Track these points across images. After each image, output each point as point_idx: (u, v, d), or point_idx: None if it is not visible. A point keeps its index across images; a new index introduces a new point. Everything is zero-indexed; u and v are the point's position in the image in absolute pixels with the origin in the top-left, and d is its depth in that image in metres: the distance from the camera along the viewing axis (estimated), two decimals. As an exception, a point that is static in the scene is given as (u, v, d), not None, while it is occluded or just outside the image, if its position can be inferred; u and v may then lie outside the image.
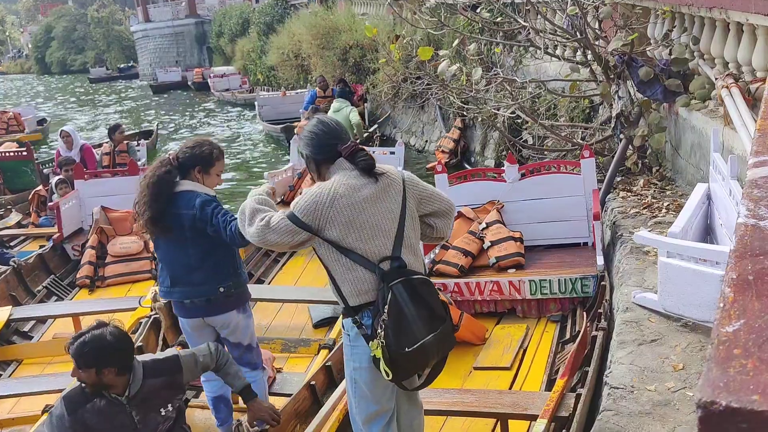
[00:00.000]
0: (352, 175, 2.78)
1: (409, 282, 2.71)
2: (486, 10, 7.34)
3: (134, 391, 3.13)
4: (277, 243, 2.81)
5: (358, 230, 2.73)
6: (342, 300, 2.80)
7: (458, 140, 10.91)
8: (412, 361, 2.71)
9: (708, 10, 5.00)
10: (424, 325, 2.70)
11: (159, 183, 3.57)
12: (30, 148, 10.60)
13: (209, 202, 3.55)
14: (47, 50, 57.74)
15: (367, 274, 2.74)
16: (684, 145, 5.42)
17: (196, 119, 22.19)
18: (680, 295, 3.38)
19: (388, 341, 2.63)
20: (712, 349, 0.86)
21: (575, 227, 5.45)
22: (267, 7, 24.87)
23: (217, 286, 3.63)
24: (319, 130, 2.87)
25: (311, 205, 2.73)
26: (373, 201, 2.76)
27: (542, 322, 5.02)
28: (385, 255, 2.74)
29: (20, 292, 6.32)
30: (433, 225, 2.98)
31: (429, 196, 2.94)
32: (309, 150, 2.89)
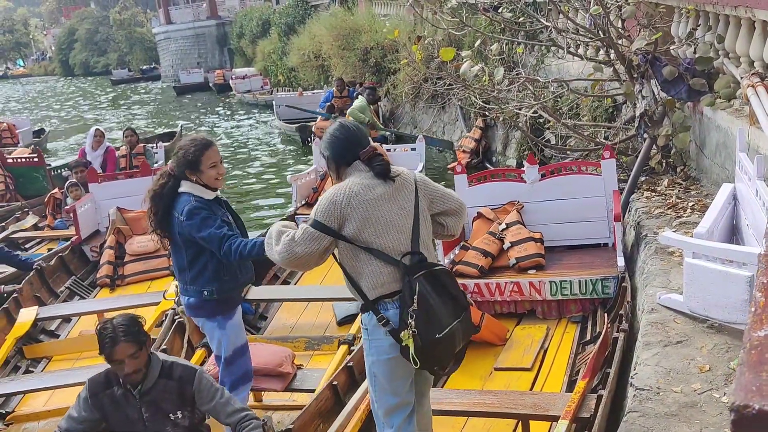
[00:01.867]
0: (367, 176, 2.94)
1: (431, 273, 2.88)
2: (508, 10, 7.32)
3: (147, 387, 3.21)
4: (304, 254, 2.89)
5: (373, 225, 2.87)
6: (360, 295, 2.93)
7: (479, 140, 10.88)
8: (442, 348, 2.87)
9: (733, 9, 4.94)
10: (449, 312, 2.88)
11: (155, 197, 3.69)
12: (41, 154, 10.71)
13: (198, 210, 3.58)
14: (70, 52, 58.48)
15: (383, 267, 2.89)
16: (709, 144, 5.37)
17: (218, 120, 22.37)
18: (706, 296, 3.35)
19: (419, 329, 2.78)
20: (744, 354, 0.87)
21: (596, 228, 5.43)
22: (287, 8, 24.99)
23: (202, 289, 3.70)
24: (341, 134, 3.03)
25: (329, 206, 2.88)
26: (386, 199, 2.91)
27: (563, 323, 4.99)
28: (404, 250, 2.90)
29: (44, 293, 6.48)
30: (444, 223, 3.12)
31: (440, 195, 3.08)
32: (330, 152, 3.05)
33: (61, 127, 24.99)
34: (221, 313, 3.75)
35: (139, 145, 10.05)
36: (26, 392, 4.82)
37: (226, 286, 3.72)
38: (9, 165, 10.42)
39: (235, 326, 3.82)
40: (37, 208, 9.16)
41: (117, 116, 26.52)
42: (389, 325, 2.87)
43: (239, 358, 3.83)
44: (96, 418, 3.26)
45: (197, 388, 3.25)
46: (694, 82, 5.42)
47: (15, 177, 10.29)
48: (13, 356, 5.40)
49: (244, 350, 3.88)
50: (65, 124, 25.64)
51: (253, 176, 13.53)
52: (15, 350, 5.42)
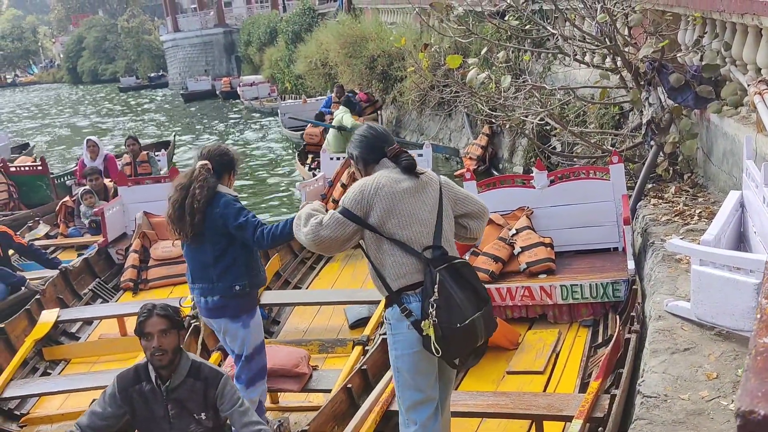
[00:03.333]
0: (395, 171, 3.10)
1: (452, 266, 2.98)
2: (514, 18, 7.36)
3: (175, 384, 3.29)
4: (329, 237, 3.02)
5: (397, 217, 3.00)
6: (385, 286, 3.03)
7: (486, 147, 10.91)
8: (463, 338, 2.95)
9: (740, 16, 4.97)
10: (471, 304, 2.96)
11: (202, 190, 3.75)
12: (45, 163, 10.70)
13: (234, 201, 3.79)
14: (78, 60, 58.75)
15: (406, 258, 2.99)
16: (716, 151, 5.39)
17: (226, 127, 22.48)
18: (713, 303, 3.37)
19: (440, 319, 2.87)
20: (749, 360, 0.90)
21: (605, 232, 5.48)
22: (294, 16, 25.07)
23: (234, 284, 3.79)
24: (369, 133, 3.22)
25: (358, 194, 3.03)
26: (411, 193, 3.04)
27: (574, 327, 5.03)
28: (427, 244, 3.01)
29: (67, 295, 6.56)
30: (467, 226, 3.23)
31: (464, 198, 3.22)
32: (358, 151, 3.20)
33: (63, 135, 25.11)
34: (246, 311, 3.87)
35: (142, 153, 10.06)
36: (42, 395, 4.90)
37: (255, 280, 3.89)
38: (12, 173, 10.42)
39: (258, 324, 3.97)
40: (45, 217, 9.19)
41: (124, 124, 26.64)
42: (412, 316, 2.97)
43: (258, 354, 3.99)
44: (120, 414, 3.34)
45: (221, 392, 3.32)
46: (701, 90, 5.44)
47: (18, 186, 10.27)
48: (32, 357, 5.49)
49: (263, 346, 4.06)
50: (69, 132, 25.76)
51: (258, 182, 13.63)
52: (34, 351, 5.51)
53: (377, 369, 4.29)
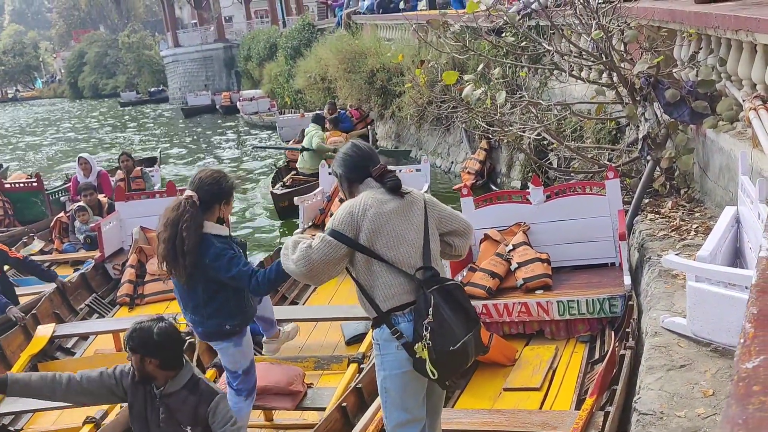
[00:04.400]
0: (379, 191, 3.07)
1: (444, 288, 2.99)
2: (510, 35, 7.40)
3: (169, 392, 3.32)
4: (320, 261, 2.98)
5: (384, 238, 2.99)
6: (374, 308, 3.01)
7: (484, 161, 10.94)
8: (455, 360, 2.95)
9: (734, 32, 4.99)
10: (462, 326, 2.97)
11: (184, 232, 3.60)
12: (40, 179, 10.61)
13: (223, 251, 3.60)
14: (79, 75, 59.04)
15: (395, 279, 2.99)
16: (712, 166, 5.40)
17: (225, 141, 22.54)
18: (709, 319, 3.36)
19: (434, 342, 2.86)
20: (732, 386, 0.89)
21: (601, 248, 5.48)
22: (294, 31, 25.21)
23: (224, 324, 3.78)
24: (353, 152, 3.18)
25: (346, 216, 3.01)
26: (398, 213, 3.03)
27: (571, 343, 5.02)
28: (416, 265, 3.01)
29: (63, 310, 6.55)
30: (452, 243, 3.22)
31: (448, 216, 3.20)
32: (342, 170, 3.18)
33: (62, 150, 25.15)
34: (236, 334, 3.88)
35: (136, 169, 10.06)
36: (36, 411, 4.86)
37: (249, 315, 3.89)
38: (7, 190, 10.31)
39: (248, 341, 3.99)
40: (40, 233, 9.14)
41: (125, 138, 26.71)
42: (403, 338, 2.94)
43: (253, 368, 4.04)
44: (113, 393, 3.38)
45: (213, 409, 3.31)
46: (697, 105, 5.46)
47: (13, 202, 10.16)
48: (27, 372, 5.46)
49: (254, 361, 4.08)
50: (68, 147, 25.81)
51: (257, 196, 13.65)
52: (29, 367, 5.47)
53: (372, 387, 4.24)
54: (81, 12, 71.08)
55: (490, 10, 7.02)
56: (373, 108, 15.69)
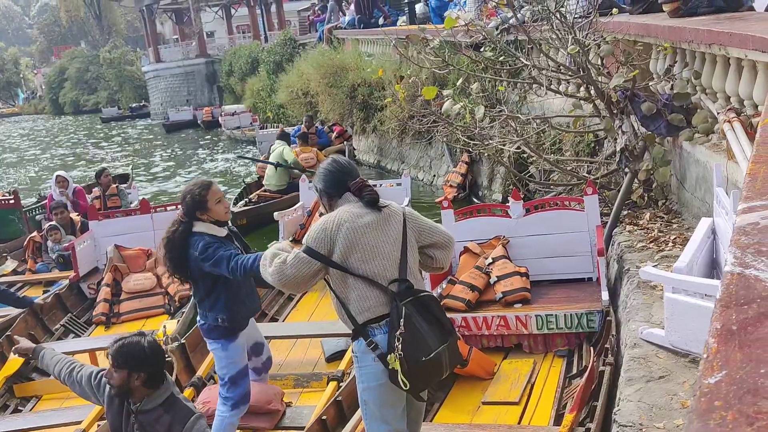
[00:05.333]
0: (357, 205, 3.11)
1: (418, 300, 3.02)
2: (489, 50, 7.45)
3: (146, 408, 3.28)
4: (294, 276, 3.05)
5: (359, 251, 3.03)
6: (351, 320, 3.06)
7: (466, 174, 10.98)
8: (428, 371, 2.98)
9: (707, 47, 5.06)
10: (436, 337, 2.99)
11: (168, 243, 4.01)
12: (17, 196, 10.42)
13: (210, 244, 3.88)
14: (60, 91, 58.62)
15: (370, 291, 3.03)
16: (689, 178, 5.45)
17: (206, 155, 22.46)
18: (687, 330, 3.38)
19: (405, 353, 2.90)
20: (694, 401, 0.89)
21: (580, 263, 5.52)
22: (276, 46, 25.23)
23: (217, 316, 4.04)
24: (333, 167, 3.23)
25: (321, 233, 3.06)
26: (374, 227, 3.07)
27: (549, 357, 5.03)
28: (392, 277, 3.05)
29: (38, 331, 6.47)
30: (433, 256, 3.25)
31: (429, 228, 3.23)
32: (322, 185, 3.22)
33: (45, 167, 24.92)
34: (225, 337, 4.08)
35: (112, 186, 9.91)
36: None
37: (236, 314, 4.08)
38: None
39: (238, 348, 4.14)
40: (13, 253, 8.95)
41: (106, 153, 26.53)
42: (378, 349, 2.97)
43: (241, 378, 4.14)
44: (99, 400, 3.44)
45: (188, 430, 3.27)
46: (673, 118, 5.52)
47: None
48: (2, 394, 5.41)
49: (246, 372, 4.19)
50: (52, 164, 25.60)
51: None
52: (5, 388, 5.43)
53: (352, 400, 4.25)
54: (62, 28, 70.64)
55: (469, 26, 7.07)
56: (355, 122, 15.72)
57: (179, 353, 4.98)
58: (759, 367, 0.91)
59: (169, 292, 6.85)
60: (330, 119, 16.31)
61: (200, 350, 5.39)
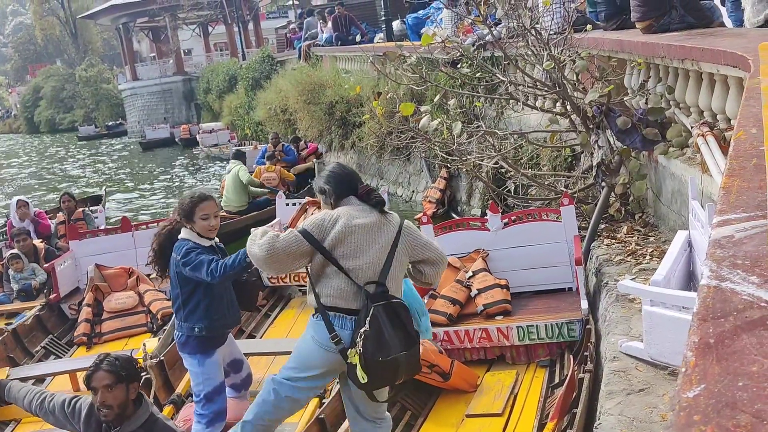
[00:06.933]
0: (357, 208, 3.33)
1: (390, 305, 3.20)
2: (466, 66, 7.52)
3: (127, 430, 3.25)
4: (283, 250, 3.23)
5: (344, 247, 3.23)
6: (316, 299, 3.29)
7: (444, 190, 11.01)
8: (384, 372, 3.15)
9: (680, 62, 5.15)
10: (399, 342, 3.16)
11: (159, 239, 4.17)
12: None
13: (191, 249, 3.93)
14: (36, 110, 58.01)
15: (345, 286, 3.23)
16: (665, 191, 5.52)
17: (183, 173, 22.34)
18: (666, 343, 3.40)
19: (365, 350, 3.08)
20: (673, 415, 0.89)
21: (559, 273, 5.57)
22: (254, 63, 25.24)
23: (193, 326, 4.03)
24: (341, 170, 3.50)
25: (319, 221, 3.30)
26: (365, 229, 3.26)
27: (531, 368, 5.06)
28: (371, 279, 3.22)
29: (18, 354, 6.34)
30: (422, 271, 3.42)
31: (423, 244, 3.40)
32: (332, 185, 3.43)
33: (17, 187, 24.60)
34: (201, 352, 4.07)
35: (78, 210, 9.46)
36: None
37: (214, 324, 4.07)
38: None
39: (214, 364, 4.13)
40: None
41: (82, 173, 26.26)
42: (341, 344, 3.17)
43: (217, 395, 4.13)
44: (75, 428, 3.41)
45: None
46: (648, 132, 5.59)
47: None
48: (-22, 420, 5.25)
49: (222, 389, 4.19)
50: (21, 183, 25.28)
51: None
52: (-19, 413, 5.26)
53: (335, 417, 4.23)
54: (37, 46, 70.03)
55: (446, 42, 7.13)
56: (334, 139, 15.74)
57: (158, 370, 4.90)
58: (737, 380, 0.92)
59: (152, 310, 6.76)
60: (308, 136, 16.32)
61: (178, 367, 5.31)
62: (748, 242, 1.33)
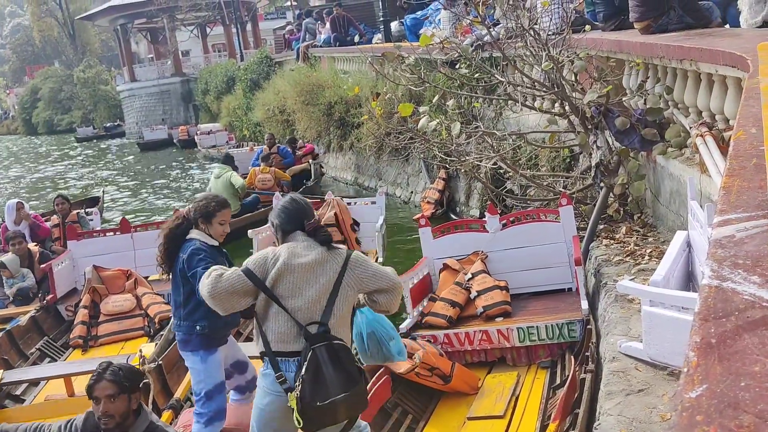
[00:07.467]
0: (301, 245, 3.30)
1: (331, 346, 3.17)
2: (464, 66, 7.52)
3: None
4: (225, 289, 3.21)
5: (283, 287, 3.22)
6: (265, 345, 3.25)
7: (443, 191, 11.00)
8: (321, 416, 3.12)
9: (678, 62, 5.15)
10: (340, 384, 3.13)
11: (168, 234, 4.15)
12: None
13: (198, 251, 3.98)
14: (33, 111, 57.98)
15: (287, 327, 3.21)
16: (663, 192, 5.52)
17: (182, 173, 22.31)
18: (665, 343, 3.40)
19: (303, 394, 3.07)
20: (675, 416, 0.89)
21: (558, 273, 5.56)
22: (252, 65, 25.22)
23: (194, 324, 4.06)
24: (291, 206, 3.43)
25: (261, 259, 3.28)
26: (307, 269, 3.23)
27: (533, 369, 5.05)
28: (313, 319, 3.20)
29: (12, 356, 6.27)
30: (376, 300, 3.39)
31: (373, 275, 3.34)
32: (279, 221, 3.41)
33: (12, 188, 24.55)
34: (204, 348, 4.10)
35: (72, 213, 9.41)
36: None
37: (216, 323, 4.08)
38: None
39: (216, 362, 4.16)
40: None
41: (80, 175, 26.24)
42: (286, 383, 3.16)
43: (217, 394, 4.15)
44: None
45: None
46: (646, 132, 5.59)
47: None
48: (-30, 426, 5.21)
49: (222, 388, 4.22)
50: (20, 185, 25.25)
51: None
52: (-27, 419, 5.22)
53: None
54: (35, 47, 69.95)
55: (444, 43, 7.13)
56: (332, 140, 15.72)
57: (156, 374, 4.89)
58: (739, 380, 0.92)
59: (149, 314, 6.71)
60: (307, 137, 16.30)
61: (176, 371, 5.31)
62: (749, 242, 1.33)
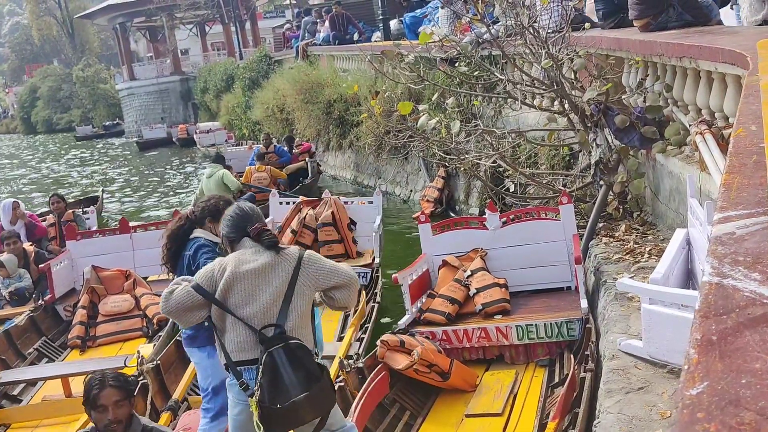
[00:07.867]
0: (249, 252, 3.27)
1: (287, 346, 3.14)
2: (464, 64, 7.51)
3: None
4: (175, 306, 3.23)
5: (235, 295, 3.20)
6: (226, 357, 3.24)
7: (442, 189, 11.00)
8: (284, 418, 3.09)
9: (678, 60, 5.14)
10: (300, 384, 3.09)
11: (171, 235, 4.21)
12: None
13: (203, 247, 4.08)
14: (33, 110, 57.97)
15: (244, 335, 3.19)
16: (663, 190, 5.51)
17: (179, 174, 22.29)
18: (664, 341, 3.40)
19: (261, 398, 3.05)
20: (676, 413, 0.88)
21: (558, 272, 5.56)
22: (252, 63, 25.20)
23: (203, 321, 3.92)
24: (234, 214, 3.42)
25: (208, 273, 3.28)
26: (256, 274, 3.21)
27: (531, 367, 5.05)
28: (268, 322, 3.17)
29: (10, 356, 6.26)
30: (333, 297, 3.38)
31: (328, 272, 3.33)
32: (225, 231, 3.41)
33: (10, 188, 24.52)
34: (212, 344, 4.04)
35: (68, 212, 9.36)
36: None
37: None
38: None
39: None
40: None
41: (78, 173, 26.21)
42: (249, 389, 3.13)
43: (224, 389, 4.10)
44: None
45: None
46: (646, 130, 5.58)
47: None
48: (-31, 424, 5.20)
49: None
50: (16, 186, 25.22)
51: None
52: (-27, 417, 5.22)
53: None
54: (34, 46, 69.90)
55: (443, 41, 7.12)
56: (332, 138, 15.71)
57: (154, 374, 4.87)
58: (740, 377, 0.91)
59: (148, 315, 6.70)
60: (306, 135, 16.29)
61: (174, 371, 5.30)
62: (749, 239, 1.33)
